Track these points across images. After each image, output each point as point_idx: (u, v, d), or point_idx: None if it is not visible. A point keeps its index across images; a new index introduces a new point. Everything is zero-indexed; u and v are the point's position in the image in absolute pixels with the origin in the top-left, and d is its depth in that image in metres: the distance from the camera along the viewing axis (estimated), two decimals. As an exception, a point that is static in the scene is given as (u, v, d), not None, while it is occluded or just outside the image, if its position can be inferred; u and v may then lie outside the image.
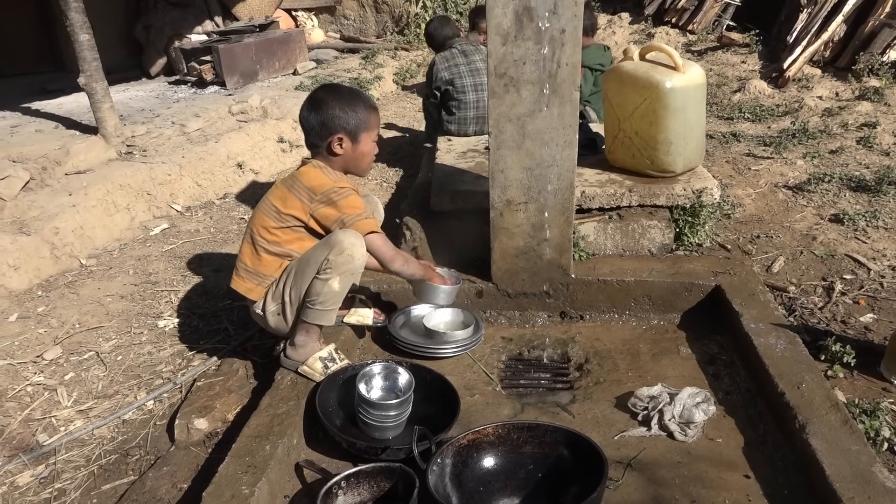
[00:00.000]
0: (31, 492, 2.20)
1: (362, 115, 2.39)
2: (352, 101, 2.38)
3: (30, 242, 3.55)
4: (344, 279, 2.28)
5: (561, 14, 2.41)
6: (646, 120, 3.07)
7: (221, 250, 3.82)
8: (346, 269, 2.25)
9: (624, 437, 2.17)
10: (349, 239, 2.25)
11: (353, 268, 2.28)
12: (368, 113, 2.41)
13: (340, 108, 2.36)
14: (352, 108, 2.37)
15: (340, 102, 2.36)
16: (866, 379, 2.37)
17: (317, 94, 2.43)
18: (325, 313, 2.33)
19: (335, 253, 2.23)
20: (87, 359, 2.87)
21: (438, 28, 4.45)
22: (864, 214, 3.49)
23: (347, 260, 2.24)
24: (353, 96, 2.41)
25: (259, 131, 5.27)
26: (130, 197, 4.20)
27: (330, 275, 2.24)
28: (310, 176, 2.36)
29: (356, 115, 2.38)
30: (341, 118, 2.36)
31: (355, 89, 2.53)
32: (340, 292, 2.31)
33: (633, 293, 2.83)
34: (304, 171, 2.39)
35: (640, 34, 7.77)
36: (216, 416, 2.40)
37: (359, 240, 2.29)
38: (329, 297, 2.29)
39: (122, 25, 7.31)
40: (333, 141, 2.37)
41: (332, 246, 2.24)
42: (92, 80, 4.48)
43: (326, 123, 2.36)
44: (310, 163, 2.42)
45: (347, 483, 1.91)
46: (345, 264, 2.24)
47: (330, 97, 2.38)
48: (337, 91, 2.44)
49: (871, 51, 5.95)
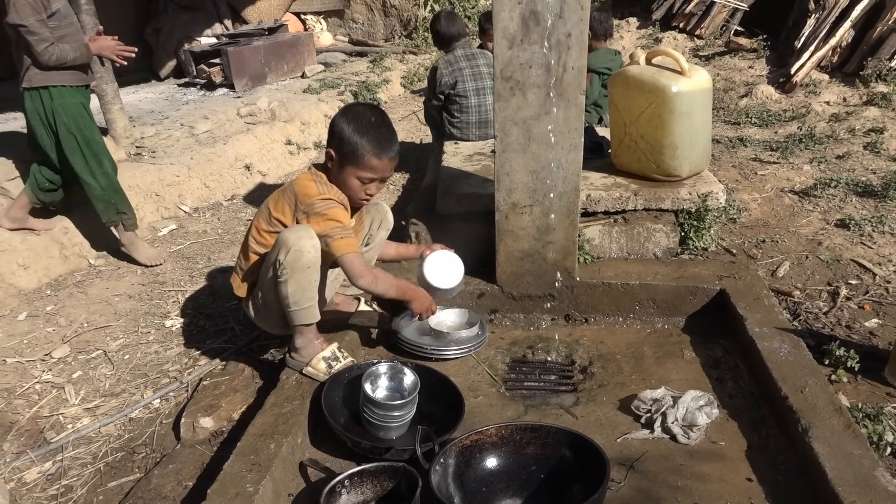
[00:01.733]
0: (38, 488, 2.23)
1: (358, 150, 2.25)
2: (362, 132, 2.25)
3: (39, 242, 3.59)
4: (302, 275, 2.21)
5: (567, 18, 2.42)
6: (652, 124, 3.08)
7: (229, 251, 3.84)
8: (299, 264, 2.19)
9: (627, 439, 2.18)
10: (294, 234, 2.19)
11: (306, 261, 2.19)
12: (367, 153, 2.25)
13: (348, 128, 2.25)
14: (355, 137, 2.24)
15: (352, 125, 2.25)
16: (870, 384, 2.37)
17: (359, 106, 2.38)
18: (303, 311, 2.29)
19: (283, 253, 2.18)
20: (95, 357, 2.90)
21: (446, 25, 4.35)
22: (871, 220, 3.49)
23: (296, 257, 2.17)
24: (367, 129, 2.26)
25: (267, 133, 5.31)
26: (139, 197, 4.23)
27: (286, 275, 2.20)
28: (301, 182, 2.33)
29: (353, 144, 2.25)
30: (339, 138, 2.27)
31: (382, 126, 2.31)
32: (305, 289, 2.25)
33: (638, 296, 2.84)
34: (299, 177, 2.36)
35: (647, 39, 7.77)
36: (222, 415, 2.42)
37: (305, 231, 2.20)
38: (297, 297, 2.25)
39: (132, 28, 7.37)
40: (330, 151, 2.31)
41: (279, 247, 2.20)
42: (102, 81, 4.52)
43: (331, 130, 2.31)
44: (310, 170, 2.39)
45: (351, 482, 1.92)
46: (296, 261, 2.18)
47: (355, 116, 2.28)
48: (363, 115, 2.30)
49: (879, 56, 5.94)
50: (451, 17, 4.44)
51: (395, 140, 2.33)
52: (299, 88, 6.52)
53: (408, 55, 8.11)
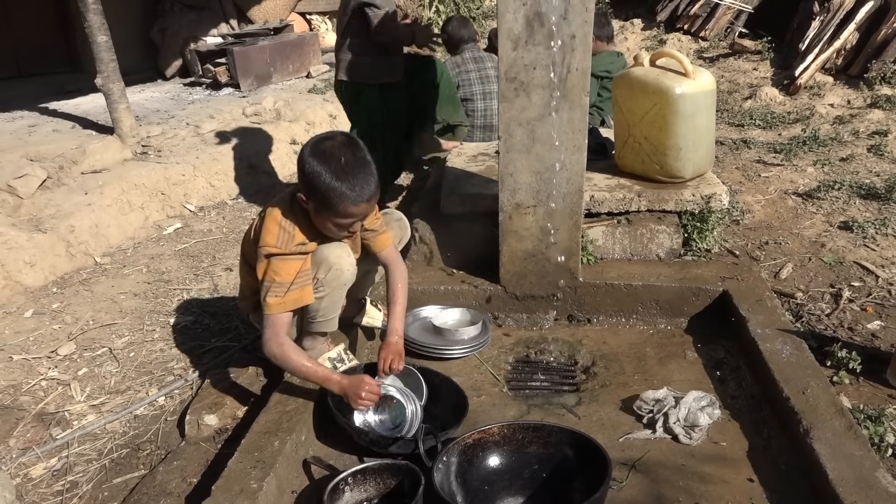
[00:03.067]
0: (43, 484, 2.25)
1: (334, 200, 2.03)
2: (334, 177, 2.00)
3: (46, 240, 3.62)
4: (336, 292, 2.27)
5: (571, 20, 2.43)
6: (655, 125, 3.09)
7: (233, 250, 3.86)
8: (338, 283, 2.24)
9: (629, 439, 2.19)
10: (334, 253, 2.20)
11: (344, 280, 2.25)
12: (342, 201, 2.03)
13: (319, 173, 2.01)
14: (330, 183, 2.00)
15: (323, 169, 2.01)
16: (872, 385, 2.37)
17: (329, 142, 2.08)
18: (327, 322, 2.35)
19: (323, 271, 2.19)
20: (101, 355, 2.91)
21: (457, 29, 4.41)
22: (874, 222, 3.49)
23: (337, 275, 2.21)
24: (340, 173, 2.01)
25: (272, 133, 5.33)
26: (145, 196, 4.26)
27: (324, 292, 2.23)
28: (266, 225, 2.14)
29: (325, 194, 2.02)
30: (309, 183, 2.04)
31: (358, 167, 2.05)
32: (336, 303, 2.31)
33: (641, 297, 2.85)
34: (269, 215, 2.15)
35: (651, 40, 7.77)
36: (226, 413, 2.43)
37: (343, 250, 2.22)
38: (327, 311, 2.30)
39: (138, 27, 7.40)
40: (299, 196, 2.12)
41: (319, 264, 2.20)
42: (109, 80, 4.55)
43: (300, 170, 2.07)
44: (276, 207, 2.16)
45: (354, 479, 1.93)
46: (335, 280, 2.22)
47: (326, 157, 2.02)
48: (334, 157, 2.03)
49: (883, 59, 5.94)
50: (462, 21, 4.53)
51: (371, 181, 2.06)
52: (304, 88, 6.54)
53: (412, 56, 8.12)
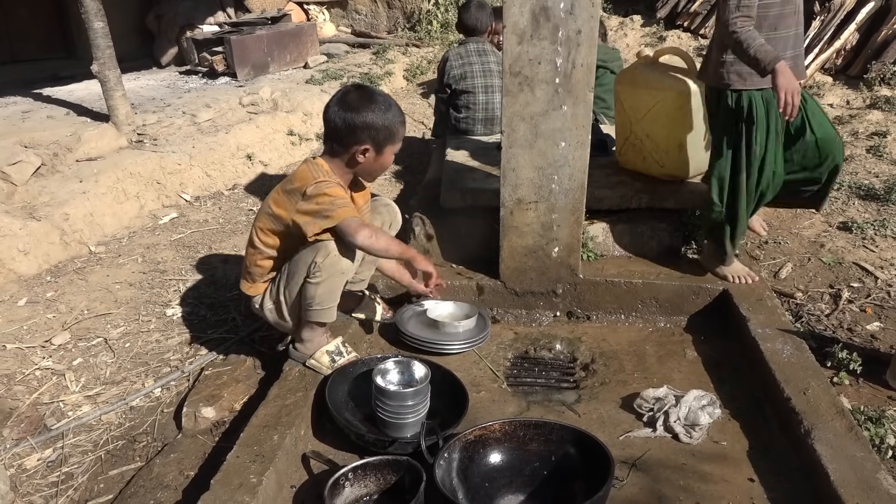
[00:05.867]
0: (38, 475, 2.22)
1: (393, 129, 2.30)
2: (386, 114, 2.27)
3: (40, 228, 3.57)
4: (333, 280, 2.26)
5: (577, 15, 2.41)
6: (658, 123, 3.07)
7: (230, 241, 3.83)
8: (334, 270, 2.23)
9: (629, 437, 2.18)
10: (336, 242, 2.21)
11: (341, 268, 2.25)
12: (398, 127, 2.32)
13: (374, 118, 2.25)
14: (385, 120, 2.27)
15: (375, 113, 2.25)
16: (872, 387, 2.38)
17: (350, 94, 2.29)
18: (324, 311, 2.33)
19: (321, 255, 2.21)
20: (96, 345, 2.89)
21: (476, 13, 4.18)
22: (873, 223, 3.49)
23: (334, 262, 2.22)
24: (387, 108, 2.29)
25: (269, 123, 5.28)
26: (140, 185, 4.21)
27: (319, 278, 2.23)
28: (297, 174, 2.30)
29: (387, 128, 2.28)
30: (372, 130, 2.25)
31: (389, 99, 2.35)
32: (333, 291, 2.30)
33: (641, 295, 2.84)
34: (297, 170, 2.33)
35: (651, 37, 7.74)
36: (223, 406, 2.42)
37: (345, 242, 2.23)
38: (323, 298, 2.28)
39: (134, 14, 7.32)
40: (358, 151, 2.27)
41: (318, 249, 2.21)
42: (105, 67, 4.49)
43: (356, 131, 2.25)
44: (307, 161, 2.33)
45: (354, 475, 1.92)
46: (332, 266, 2.22)
47: (366, 105, 2.25)
48: (373, 99, 2.28)
49: (883, 60, 5.93)
50: (480, 6, 4.24)
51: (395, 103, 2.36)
52: (302, 79, 6.49)
53: (411, 48, 8.08)
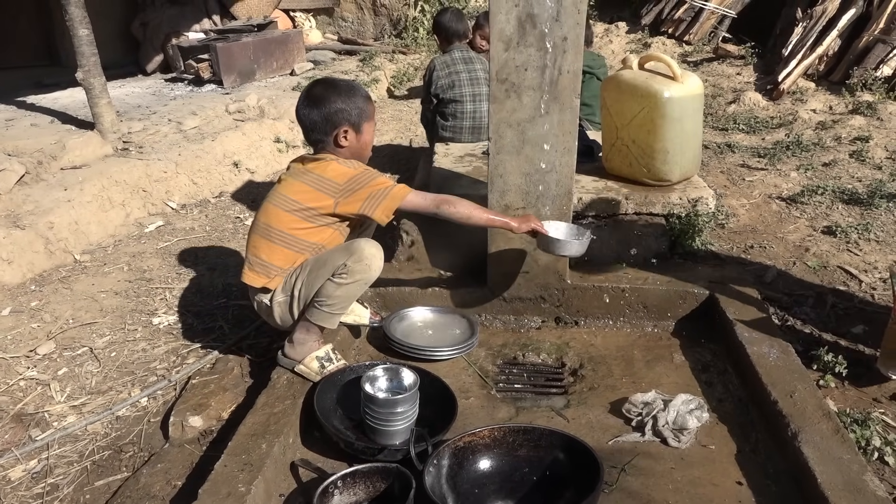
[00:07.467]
0: (23, 486, 2.20)
1: (362, 105, 2.42)
2: (350, 93, 2.41)
3: (24, 236, 3.54)
4: (356, 287, 2.31)
5: (563, 22, 2.43)
6: (644, 129, 3.10)
7: (216, 249, 3.81)
8: (361, 277, 2.29)
9: (618, 442, 2.19)
10: (370, 249, 2.29)
11: (368, 277, 2.31)
12: (366, 102, 2.45)
13: (342, 101, 2.38)
14: (351, 99, 2.40)
15: (340, 96, 2.38)
16: (857, 389, 2.40)
17: (314, 89, 2.43)
18: (331, 316, 2.35)
19: (354, 260, 2.26)
20: (81, 354, 2.86)
21: (452, 21, 4.24)
22: (857, 227, 3.53)
23: (364, 269, 2.28)
24: (349, 88, 2.44)
25: (255, 131, 5.27)
26: (126, 193, 4.19)
27: (345, 279, 2.27)
28: (330, 169, 2.37)
29: (357, 106, 2.41)
30: (344, 111, 2.38)
31: (349, 81, 2.55)
32: (350, 298, 2.35)
33: (628, 300, 2.85)
34: (323, 166, 2.38)
35: (636, 44, 7.81)
36: (211, 414, 2.40)
37: (378, 251, 2.32)
38: (338, 301, 2.32)
39: (119, 21, 7.30)
40: (339, 134, 2.39)
41: (352, 252, 2.28)
42: (90, 75, 4.47)
43: (330, 118, 2.37)
44: (323, 158, 2.41)
45: (344, 483, 1.91)
46: (361, 272, 2.28)
47: (329, 92, 2.39)
48: (334, 85, 2.44)
49: (864, 66, 6.02)
50: (457, 14, 4.33)
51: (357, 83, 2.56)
52: (288, 86, 6.48)
53: (397, 55, 8.09)
